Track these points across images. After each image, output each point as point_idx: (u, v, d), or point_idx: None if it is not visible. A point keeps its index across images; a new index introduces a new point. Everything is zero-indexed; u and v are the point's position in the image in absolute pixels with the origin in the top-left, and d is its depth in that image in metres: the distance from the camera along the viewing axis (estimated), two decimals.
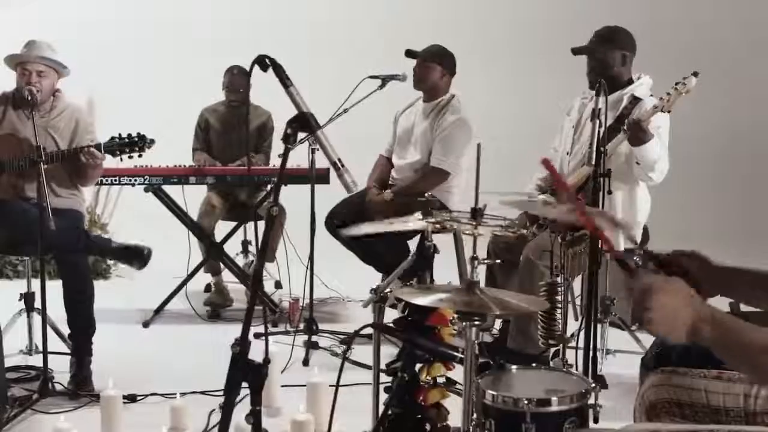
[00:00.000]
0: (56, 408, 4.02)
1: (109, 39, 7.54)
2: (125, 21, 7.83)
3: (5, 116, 4.50)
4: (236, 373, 1.99)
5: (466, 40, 5.41)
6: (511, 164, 6.88)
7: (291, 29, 7.98)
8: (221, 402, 3.97)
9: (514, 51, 7.90)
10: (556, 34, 7.51)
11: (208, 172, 5.57)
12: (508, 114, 7.60)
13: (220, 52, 6.79)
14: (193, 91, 6.63)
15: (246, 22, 8.01)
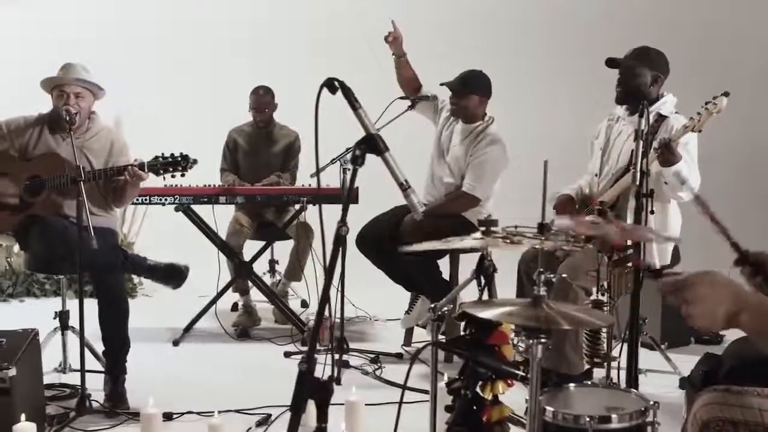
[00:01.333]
0: (94, 426, 4.06)
1: (135, 58, 7.59)
2: (155, 41, 7.89)
3: (41, 137, 4.55)
4: (303, 390, 2.00)
5: (486, 61, 5.41)
6: (531, 184, 6.93)
7: (313, 53, 8.05)
8: (258, 420, 4.06)
9: (532, 71, 7.93)
10: (576, 55, 7.61)
11: (238, 191, 5.61)
12: (529, 134, 7.62)
13: (248, 72, 6.84)
14: (221, 112, 6.69)
15: (276, 44, 8.08)
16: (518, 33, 8.03)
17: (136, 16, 7.91)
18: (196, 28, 8.04)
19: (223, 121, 6.30)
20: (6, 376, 3.62)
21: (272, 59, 7.74)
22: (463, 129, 5.21)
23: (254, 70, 6.96)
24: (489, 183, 5.11)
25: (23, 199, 4.47)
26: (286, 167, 6.10)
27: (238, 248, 5.79)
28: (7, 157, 4.53)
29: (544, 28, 8.00)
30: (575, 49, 7.67)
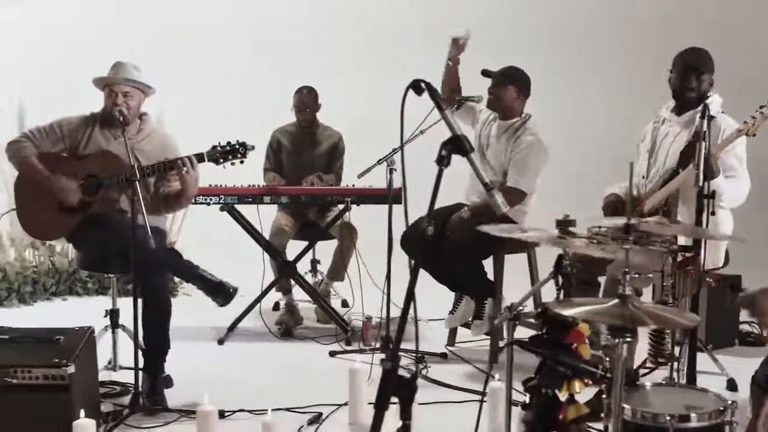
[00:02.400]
0: (147, 423, 4.10)
1: (179, 58, 7.66)
2: (198, 41, 7.97)
3: (92, 136, 4.59)
4: (388, 387, 2.02)
5: (518, 60, 5.41)
6: (569, 182, 6.97)
7: (354, 51, 8.11)
8: (309, 418, 4.08)
9: (565, 69, 7.95)
10: (608, 54, 7.61)
11: (282, 191, 5.64)
12: (564, 133, 7.63)
13: (292, 72, 6.88)
14: (264, 112, 6.74)
15: (318, 43, 8.16)
16: (551, 32, 8.05)
17: (179, 17, 7.98)
18: (236, 28, 8.11)
19: (266, 121, 6.33)
20: (65, 373, 3.69)
21: (316, 59, 7.79)
22: (500, 125, 5.22)
23: (298, 70, 6.99)
24: (532, 177, 5.11)
25: (81, 198, 4.51)
26: (330, 168, 6.12)
27: (281, 248, 5.82)
28: (62, 159, 4.58)
29: (576, 27, 8.01)
30: (607, 47, 7.68)
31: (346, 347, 5.41)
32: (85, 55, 6.78)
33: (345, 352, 5.31)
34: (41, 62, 7.50)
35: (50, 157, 4.56)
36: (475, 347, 5.40)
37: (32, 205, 4.54)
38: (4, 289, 6.48)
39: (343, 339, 5.53)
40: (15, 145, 4.54)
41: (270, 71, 7.98)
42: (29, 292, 6.60)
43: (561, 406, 2.54)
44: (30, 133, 4.57)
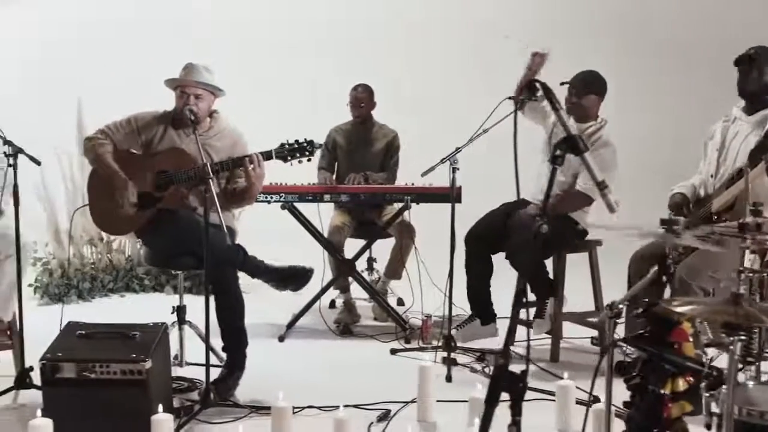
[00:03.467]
0: (218, 418, 4.13)
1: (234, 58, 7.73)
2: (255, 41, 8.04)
3: (166, 134, 4.65)
4: (499, 383, 2.03)
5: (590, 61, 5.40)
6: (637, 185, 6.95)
7: (410, 53, 8.15)
8: (378, 415, 4.11)
9: (635, 70, 7.95)
10: (690, 53, 7.58)
11: (342, 190, 5.67)
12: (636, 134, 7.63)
13: (348, 71, 6.91)
14: (321, 110, 6.78)
15: (377, 43, 8.22)
16: (620, 32, 8.05)
17: (233, 16, 8.05)
18: (293, 28, 8.18)
19: (324, 120, 6.35)
20: (143, 369, 3.73)
21: (371, 59, 7.84)
22: (575, 128, 5.19)
23: (353, 69, 7.02)
24: (611, 167, 5.01)
25: (152, 194, 4.56)
26: (385, 166, 6.14)
27: (339, 246, 5.86)
28: (132, 155, 4.63)
29: (643, 28, 8.00)
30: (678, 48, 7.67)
31: (406, 345, 5.42)
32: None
33: (406, 350, 5.33)
34: (41, 62, 7.58)
35: (124, 154, 4.61)
36: (535, 345, 5.40)
37: (104, 201, 4.59)
38: (64, 285, 6.57)
39: (402, 337, 5.55)
40: (91, 142, 4.60)
41: (326, 70, 8.06)
42: (87, 288, 6.68)
43: (665, 404, 2.55)
44: (107, 128, 4.63)
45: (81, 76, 7.46)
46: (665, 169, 5.39)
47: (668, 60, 8.02)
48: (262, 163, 4.49)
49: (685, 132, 4.99)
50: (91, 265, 6.82)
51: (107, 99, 7.01)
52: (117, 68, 7.98)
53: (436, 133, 7.68)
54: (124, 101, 6.65)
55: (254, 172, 4.46)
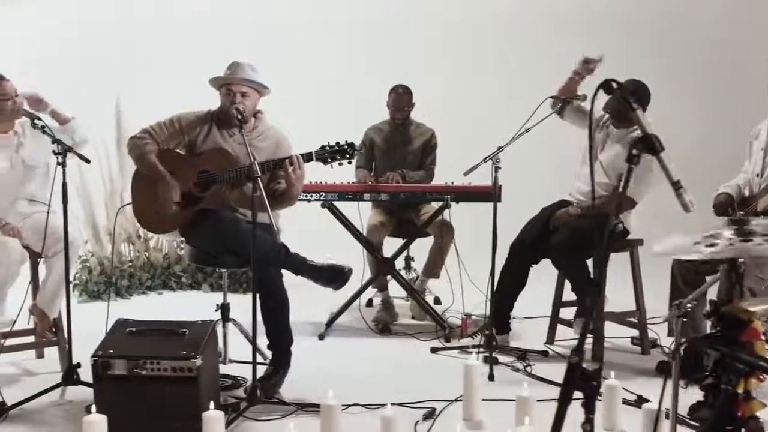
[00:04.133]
0: (265, 416, 4.15)
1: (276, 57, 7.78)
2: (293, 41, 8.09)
3: (210, 133, 4.66)
4: (572, 381, 2.04)
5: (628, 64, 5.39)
6: (687, 185, 6.90)
7: (447, 53, 8.16)
8: (424, 413, 4.12)
9: (687, 68, 7.95)
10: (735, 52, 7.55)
11: (382, 189, 5.68)
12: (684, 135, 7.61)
13: (384, 70, 6.93)
14: (356, 109, 6.80)
15: (412, 44, 8.25)
16: (661, 31, 8.04)
17: (278, 16, 8.11)
18: (331, 28, 8.21)
19: (359, 119, 6.37)
20: (194, 366, 3.75)
21: (407, 58, 7.87)
22: (619, 132, 5.17)
23: (390, 68, 7.03)
24: (646, 188, 5.01)
25: (194, 194, 4.58)
26: (422, 165, 6.15)
27: (378, 244, 5.87)
28: (175, 155, 4.65)
29: (685, 26, 7.99)
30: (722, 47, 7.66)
31: (446, 344, 5.43)
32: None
33: (447, 348, 5.34)
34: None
35: (167, 153, 4.63)
36: (574, 345, 5.38)
37: (147, 199, 4.62)
38: (103, 282, 6.62)
39: (442, 336, 5.56)
40: (135, 141, 4.62)
41: (359, 69, 8.09)
42: (126, 286, 6.73)
43: (739, 403, 2.54)
44: (150, 128, 4.65)
45: (119, 74, 7.51)
46: (710, 170, 5.36)
47: (712, 59, 7.99)
48: (302, 165, 4.49)
49: (730, 132, 4.95)
50: (129, 262, 6.87)
51: (144, 97, 7.10)
52: (154, 66, 8.05)
53: (474, 132, 7.71)
54: (163, 100, 6.73)
55: (294, 174, 4.45)
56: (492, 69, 8.45)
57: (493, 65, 8.42)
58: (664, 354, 5.20)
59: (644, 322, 5.27)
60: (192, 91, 5.04)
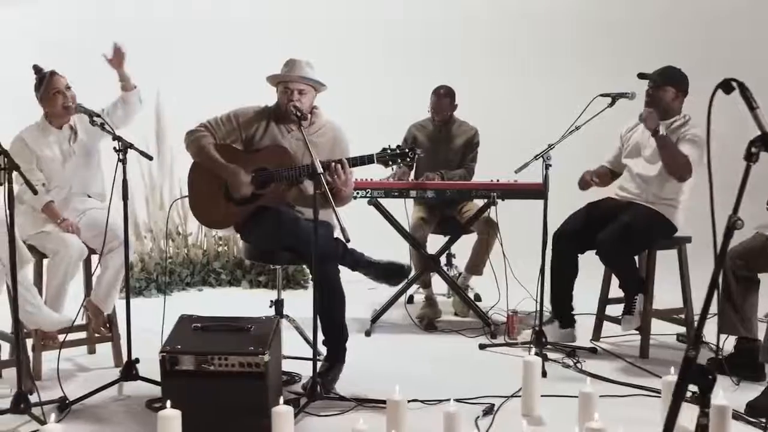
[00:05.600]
0: (325, 411, 4.16)
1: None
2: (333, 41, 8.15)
3: (268, 129, 4.68)
4: (689, 376, 2.06)
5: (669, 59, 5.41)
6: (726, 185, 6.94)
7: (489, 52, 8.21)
8: (483, 409, 4.14)
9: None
10: None
11: (428, 186, 5.71)
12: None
13: (425, 69, 6.95)
14: (397, 108, 6.83)
15: (453, 43, 8.30)
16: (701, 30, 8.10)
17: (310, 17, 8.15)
18: (372, 28, 8.27)
19: (401, 116, 6.39)
20: (261, 361, 3.78)
21: (450, 57, 7.91)
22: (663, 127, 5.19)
23: (431, 67, 7.06)
24: (697, 165, 5.00)
25: (252, 190, 4.60)
26: (464, 162, 6.17)
27: (421, 241, 5.90)
28: (232, 151, 4.67)
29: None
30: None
31: (492, 341, 5.46)
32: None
33: (495, 345, 5.36)
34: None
35: (225, 148, 4.66)
36: (621, 342, 5.43)
37: (204, 194, 4.65)
38: (144, 279, 6.66)
39: (488, 332, 5.59)
40: (194, 135, 4.65)
41: (400, 69, 8.16)
42: (167, 282, 6.76)
43: None
44: (208, 123, 4.67)
45: (158, 71, 7.54)
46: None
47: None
48: (346, 170, 4.48)
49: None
50: (169, 259, 6.90)
51: (184, 95, 7.14)
52: (194, 65, 8.10)
53: (517, 130, 7.76)
54: (205, 96, 6.77)
55: (339, 180, 4.43)
56: (534, 67, 8.50)
57: (534, 63, 8.48)
58: (711, 351, 5.21)
59: (692, 320, 5.29)
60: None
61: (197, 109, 4.96)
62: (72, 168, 4.86)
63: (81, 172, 4.90)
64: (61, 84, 4.76)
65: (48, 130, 4.83)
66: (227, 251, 7.20)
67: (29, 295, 4.33)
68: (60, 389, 4.22)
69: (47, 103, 4.78)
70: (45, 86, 4.74)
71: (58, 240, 4.65)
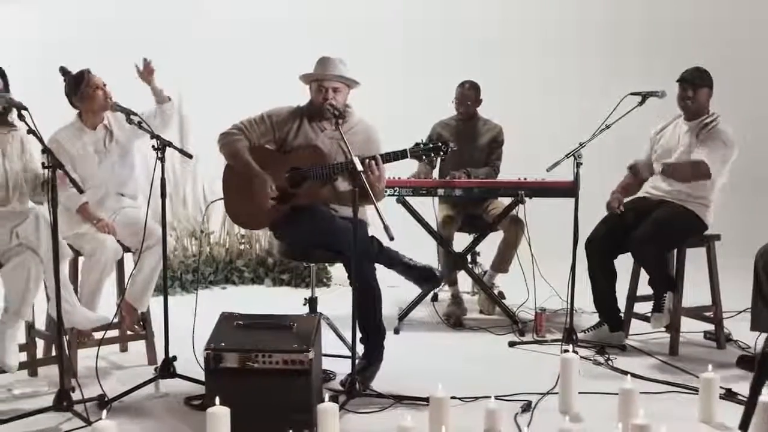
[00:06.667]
0: (364, 408, 4.18)
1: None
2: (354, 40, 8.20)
3: (300, 129, 4.69)
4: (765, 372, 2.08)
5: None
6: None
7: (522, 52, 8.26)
8: (522, 405, 4.16)
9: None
10: None
11: (456, 184, 5.72)
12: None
13: (456, 68, 6.96)
14: (423, 105, 6.85)
15: (486, 43, 8.35)
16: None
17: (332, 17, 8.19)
18: (406, 27, 8.32)
19: (426, 115, 6.41)
20: (306, 359, 3.80)
21: (479, 56, 7.96)
22: (690, 126, 5.21)
23: (460, 66, 7.06)
24: (721, 162, 5.07)
25: (285, 191, 4.62)
26: (488, 161, 6.19)
27: (449, 239, 5.92)
28: (266, 152, 4.68)
29: None
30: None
31: (521, 338, 5.48)
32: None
33: (524, 342, 5.38)
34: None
35: (259, 150, 4.67)
36: (648, 339, 5.45)
37: (239, 195, 4.65)
38: (168, 277, 6.64)
39: (516, 330, 5.61)
40: (227, 137, 4.66)
41: (435, 68, 8.21)
42: (190, 280, 6.78)
43: None
44: (241, 124, 4.68)
45: (180, 70, 7.57)
46: None
47: None
48: (380, 166, 4.49)
49: None
50: (193, 257, 6.92)
51: (206, 94, 7.16)
52: (219, 65, 8.13)
53: (541, 129, 7.79)
54: (226, 95, 6.81)
55: (372, 175, 4.42)
56: (558, 65, 8.54)
57: (558, 61, 8.52)
58: (740, 349, 5.24)
59: (720, 318, 5.32)
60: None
61: (218, 107, 4.97)
62: (107, 169, 4.87)
63: (116, 173, 4.92)
64: (99, 81, 4.79)
65: (83, 131, 4.84)
66: (249, 249, 7.21)
67: (65, 293, 4.34)
68: (99, 386, 4.23)
69: (86, 101, 4.79)
70: (84, 84, 4.76)
71: (95, 241, 4.66)
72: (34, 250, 4.17)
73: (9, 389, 4.45)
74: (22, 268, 4.18)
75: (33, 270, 4.19)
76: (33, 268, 4.19)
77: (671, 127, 5.31)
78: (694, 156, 5.09)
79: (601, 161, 5.61)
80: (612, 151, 5.61)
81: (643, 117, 5.17)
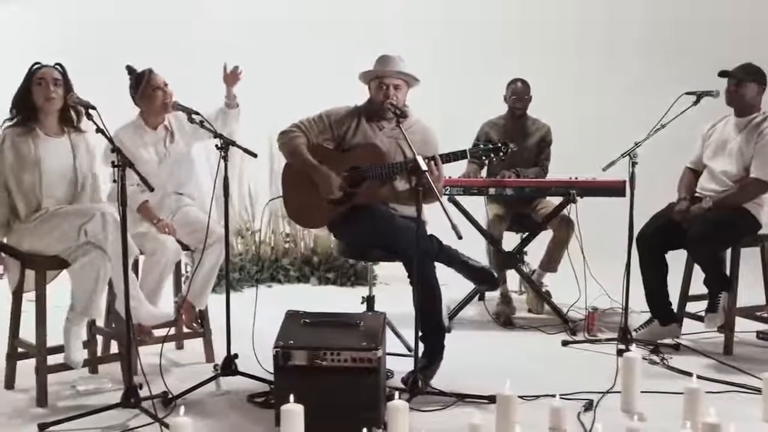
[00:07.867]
0: (426, 407, 4.20)
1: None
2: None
3: (359, 128, 4.72)
4: None
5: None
6: None
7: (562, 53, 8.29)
8: (584, 404, 4.16)
9: None
10: None
11: (507, 183, 5.73)
12: None
13: (500, 69, 6.98)
14: (472, 105, 6.87)
15: (528, 43, 8.41)
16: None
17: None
18: (446, 27, 8.37)
19: (474, 115, 6.43)
20: (374, 357, 3.82)
21: (525, 56, 7.99)
22: (739, 122, 5.21)
23: (506, 66, 7.07)
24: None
25: (344, 190, 4.64)
26: (537, 160, 6.20)
27: (498, 238, 5.93)
28: (325, 151, 4.71)
29: None
30: None
31: (573, 337, 5.48)
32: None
33: (577, 342, 5.39)
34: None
35: (317, 148, 4.70)
36: (701, 338, 5.44)
37: (298, 193, 4.69)
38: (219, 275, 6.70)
39: (568, 329, 5.62)
40: (287, 136, 4.69)
41: (475, 67, 8.26)
42: (236, 279, 6.81)
43: None
44: (300, 123, 4.71)
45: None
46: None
47: None
48: (439, 165, 4.51)
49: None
50: (239, 256, 6.96)
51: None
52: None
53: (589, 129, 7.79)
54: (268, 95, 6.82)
55: (432, 175, 4.38)
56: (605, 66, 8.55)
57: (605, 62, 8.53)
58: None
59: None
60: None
61: (260, 107, 4.95)
62: (167, 169, 4.89)
63: (176, 174, 4.94)
64: (159, 81, 4.81)
65: (143, 131, 4.86)
66: (294, 248, 7.25)
67: (132, 289, 4.37)
68: (161, 384, 4.27)
69: (146, 101, 4.82)
70: (144, 84, 4.79)
71: (156, 241, 4.69)
72: (102, 248, 4.20)
73: (73, 386, 4.49)
74: (91, 267, 4.21)
75: (102, 270, 4.22)
76: (102, 268, 4.22)
77: (721, 124, 5.30)
78: (752, 169, 5.08)
79: (653, 160, 5.60)
80: (665, 150, 5.59)
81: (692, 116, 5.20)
